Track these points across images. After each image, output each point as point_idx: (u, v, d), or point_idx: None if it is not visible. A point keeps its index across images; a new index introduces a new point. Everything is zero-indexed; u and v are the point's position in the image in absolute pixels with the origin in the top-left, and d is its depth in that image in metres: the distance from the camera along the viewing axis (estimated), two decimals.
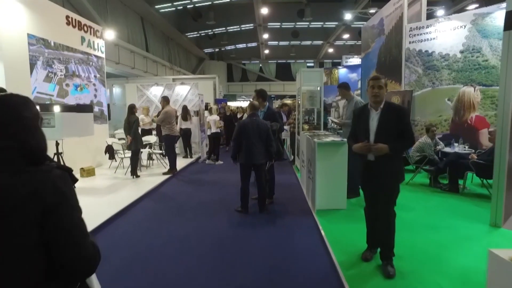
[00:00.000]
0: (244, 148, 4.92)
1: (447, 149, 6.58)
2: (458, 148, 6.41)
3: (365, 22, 21.44)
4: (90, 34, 8.28)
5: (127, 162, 7.76)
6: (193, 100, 12.35)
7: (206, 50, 27.44)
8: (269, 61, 30.47)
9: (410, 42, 8.57)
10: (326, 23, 21.61)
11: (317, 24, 21.79)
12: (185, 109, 9.69)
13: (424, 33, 8.31)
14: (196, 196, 6.12)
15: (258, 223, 4.74)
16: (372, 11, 16.68)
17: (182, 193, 6.36)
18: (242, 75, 31.33)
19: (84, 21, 8.04)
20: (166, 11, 18.77)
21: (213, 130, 9.10)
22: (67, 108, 5.87)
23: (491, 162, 4.55)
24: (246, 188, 5.05)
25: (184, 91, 12.69)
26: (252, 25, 22.12)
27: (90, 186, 6.68)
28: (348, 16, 14.94)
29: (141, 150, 7.82)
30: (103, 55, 8.97)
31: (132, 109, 7.23)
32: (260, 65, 30.96)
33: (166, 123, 7.56)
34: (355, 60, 15.74)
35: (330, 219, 4.71)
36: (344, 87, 5.95)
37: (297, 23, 21.89)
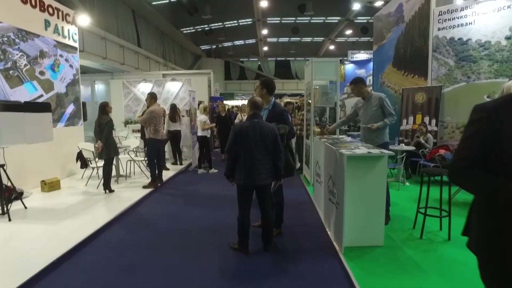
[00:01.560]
0: (243, 164, 3.40)
1: None
2: None
3: (368, 17, 20.08)
4: (58, 18, 6.69)
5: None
6: (185, 98, 10.84)
7: (203, 47, 25.83)
8: (268, 59, 28.89)
9: (439, 29, 7.05)
10: (328, 18, 20.05)
11: (318, 19, 20.22)
12: (173, 108, 8.13)
13: (458, 17, 6.79)
14: (181, 221, 4.59)
15: (263, 271, 3.22)
16: (379, 3, 15.23)
17: (163, 216, 4.82)
18: (240, 73, 29.75)
19: (48, 1, 6.44)
20: (159, 3, 17.16)
21: (199, 133, 7.53)
22: (7, 107, 4.31)
23: None
24: (245, 219, 3.53)
25: (176, 88, 11.16)
26: (250, 20, 20.55)
27: (47, 206, 5.12)
28: (356, 6, 13.39)
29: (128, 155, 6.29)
30: (76, 44, 7.38)
31: (104, 108, 5.68)
32: (259, 62, 29.38)
33: (150, 124, 6.01)
34: (362, 56, 14.23)
35: (365, 265, 3.20)
36: (361, 82, 4.54)
37: (298, 18, 20.30)
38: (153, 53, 18.34)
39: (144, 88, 11.16)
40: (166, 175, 7.10)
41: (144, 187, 6.08)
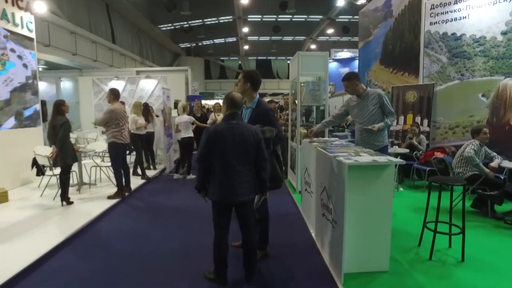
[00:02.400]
0: (219, 176, 2.70)
1: (508, 164, 4.56)
2: None
3: (350, 16, 19.71)
4: (7, 2, 5.73)
5: None
6: (161, 96, 9.97)
7: (182, 45, 24.86)
8: (249, 58, 28.19)
9: (431, 24, 6.56)
10: (310, 16, 19.54)
11: (300, 18, 19.69)
12: (145, 108, 7.30)
13: (451, 11, 6.31)
14: (147, 242, 3.82)
15: None
16: (362, 1, 14.83)
17: (126, 236, 4.02)
18: (220, 72, 28.92)
19: None
20: None
21: (183, 134, 6.74)
22: None
23: None
24: (223, 243, 2.81)
25: (151, 86, 10.30)
26: (231, 17, 19.78)
27: None
28: (341, 2, 12.88)
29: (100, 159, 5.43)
30: (32, 35, 6.43)
31: (59, 107, 4.81)
32: (239, 61, 28.64)
33: (111, 126, 5.18)
34: (345, 54, 13.76)
35: None
36: (355, 78, 3.94)
37: (279, 16, 19.70)
38: (129, 50, 17.29)
39: (116, 86, 10.23)
40: (136, 182, 6.29)
41: (109, 197, 5.26)
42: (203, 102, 11.20)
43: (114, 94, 5.28)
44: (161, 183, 6.70)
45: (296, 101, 5.68)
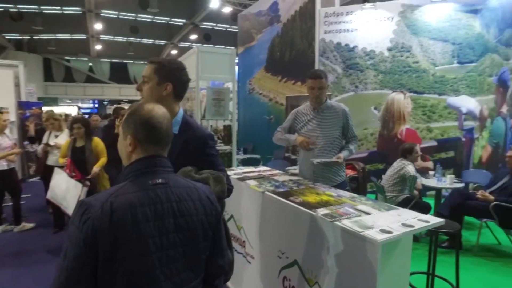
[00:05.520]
0: None
1: (431, 182, 4.16)
2: (448, 181, 4.02)
3: (213, 24, 18.86)
4: None
5: None
6: None
7: (8, 36, 18.87)
8: (102, 60, 23.89)
9: (325, 32, 6.01)
10: (173, 19, 17.75)
11: (162, 20, 17.65)
12: None
13: (344, 22, 5.89)
14: None
15: None
16: (228, 9, 14.15)
17: None
18: (66, 74, 23.46)
19: None
20: None
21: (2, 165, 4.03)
22: None
23: None
24: None
25: None
26: (79, 9, 15.98)
27: None
28: (214, 3, 11.63)
29: None
30: None
31: None
32: (90, 63, 23.98)
33: None
34: None
35: None
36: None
37: (139, 15, 17.13)
38: None
39: None
40: None
41: None
42: (44, 109, 7.81)
43: None
44: None
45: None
